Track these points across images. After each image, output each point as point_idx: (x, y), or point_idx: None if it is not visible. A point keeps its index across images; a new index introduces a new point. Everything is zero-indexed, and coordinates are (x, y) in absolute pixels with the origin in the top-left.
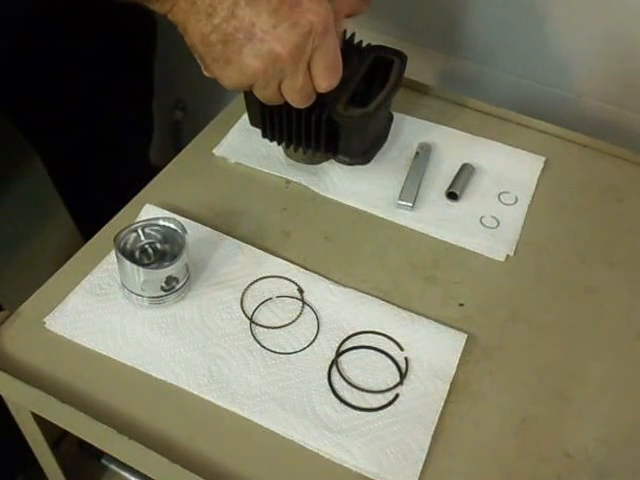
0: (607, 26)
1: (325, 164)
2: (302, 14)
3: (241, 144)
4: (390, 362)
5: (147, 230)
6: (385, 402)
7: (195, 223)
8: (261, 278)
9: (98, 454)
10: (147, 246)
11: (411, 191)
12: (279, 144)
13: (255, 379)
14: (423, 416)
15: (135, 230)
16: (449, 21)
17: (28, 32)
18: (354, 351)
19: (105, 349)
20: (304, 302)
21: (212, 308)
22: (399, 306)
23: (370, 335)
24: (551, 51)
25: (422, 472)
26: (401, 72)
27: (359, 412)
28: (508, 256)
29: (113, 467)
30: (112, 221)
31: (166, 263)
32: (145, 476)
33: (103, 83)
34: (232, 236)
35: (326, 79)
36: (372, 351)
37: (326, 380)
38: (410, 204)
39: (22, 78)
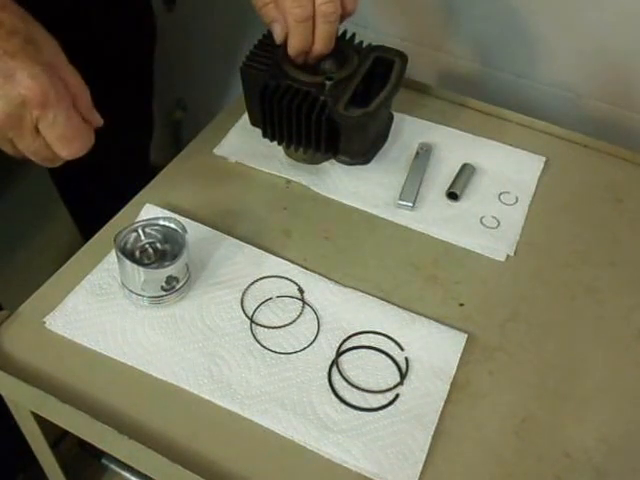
0: (607, 26)
1: (325, 164)
2: (13, 87)
3: (241, 144)
4: (390, 362)
5: (147, 230)
6: (385, 402)
7: (195, 223)
8: (261, 278)
9: (98, 454)
10: (147, 246)
11: (411, 191)
12: (279, 144)
13: (255, 379)
14: (423, 416)
15: (135, 230)
16: (449, 21)
17: None
18: (354, 351)
19: (105, 349)
20: (304, 302)
21: (212, 308)
22: (399, 306)
23: (370, 335)
24: (551, 51)
25: (422, 472)
26: (402, 72)
27: (359, 412)
28: (508, 256)
29: (113, 467)
30: (112, 221)
31: (166, 263)
32: (145, 476)
33: (103, 82)
34: (232, 236)
35: (62, 149)
36: (372, 351)
37: (326, 380)
38: (410, 204)
39: None
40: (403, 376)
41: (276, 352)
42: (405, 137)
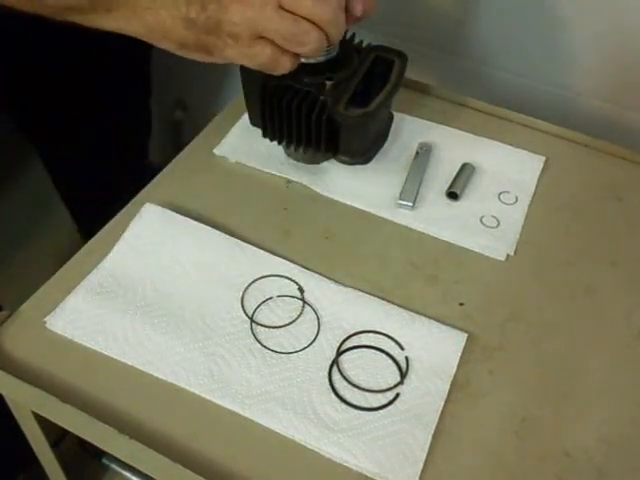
0: (606, 25)
1: (325, 163)
2: None
3: (241, 143)
4: (390, 361)
5: None
6: (386, 401)
7: (195, 222)
8: (261, 277)
9: (99, 453)
10: None
11: (411, 191)
12: (279, 144)
13: (256, 378)
14: (423, 415)
15: None
16: (449, 21)
17: (28, 33)
18: (355, 350)
19: (105, 348)
20: (304, 301)
21: (212, 307)
22: (399, 305)
23: (371, 334)
24: (550, 50)
25: (422, 471)
26: (401, 72)
27: (360, 411)
28: (508, 256)
29: (114, 466)
30: (112, 221)
31: None
32: (146, 475)
33: (101, 82)
34: (232, 235)
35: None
36: (373, 350)
37: (327, 379)
38: (410, 204)
39: (22, 78)
40: (403, 375)
41: (276, 352)
42: (405, 137)
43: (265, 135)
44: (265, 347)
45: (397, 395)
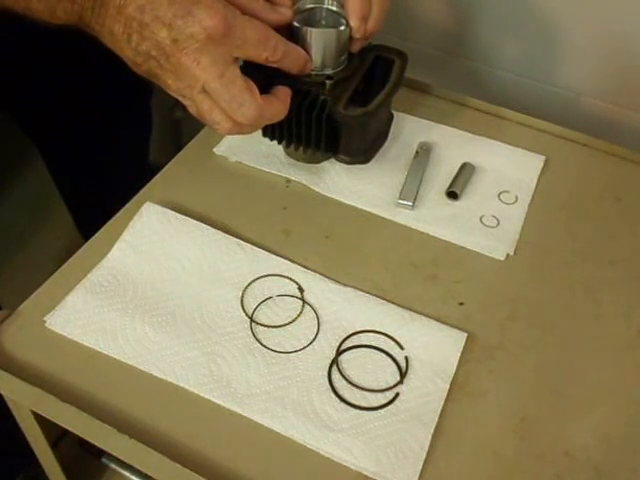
0: (606, 24)
1: (325, 163)
2: (194, 23)
3: (241, 143)
4: (390, 361)
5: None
6: (385, 401)
7: (195, 222)
8: (261, 277)
9: (98, 453)
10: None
11: (411, 190)
12: (279, 143)
13: (255, 378)
14: (423, 415)
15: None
16: (450, 21)
17: (28, 32)
18: (354, 350)
19: (105, 348)
20: (304, 301)
21: (212, 307)
22: (399, 305)
23: (370, 334)
24: (550, 50)
25: (422, 471)
26: (402, 71)
27: (359, 411)
28: (508, 255)
29: (113, 466)
30: (112, 221)
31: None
32: (145, 475)
33: (102, 82)
34: (232, 235)
35: (263, 52)
36: (372, 350)
37: (326, 379)
38: (410, 203)
39: (22, 77)
40: (403, 375)
41: (276, 351)
42: (405, 136)
43: (265, 135)
44: (265, 347)
45: (397, 395)
